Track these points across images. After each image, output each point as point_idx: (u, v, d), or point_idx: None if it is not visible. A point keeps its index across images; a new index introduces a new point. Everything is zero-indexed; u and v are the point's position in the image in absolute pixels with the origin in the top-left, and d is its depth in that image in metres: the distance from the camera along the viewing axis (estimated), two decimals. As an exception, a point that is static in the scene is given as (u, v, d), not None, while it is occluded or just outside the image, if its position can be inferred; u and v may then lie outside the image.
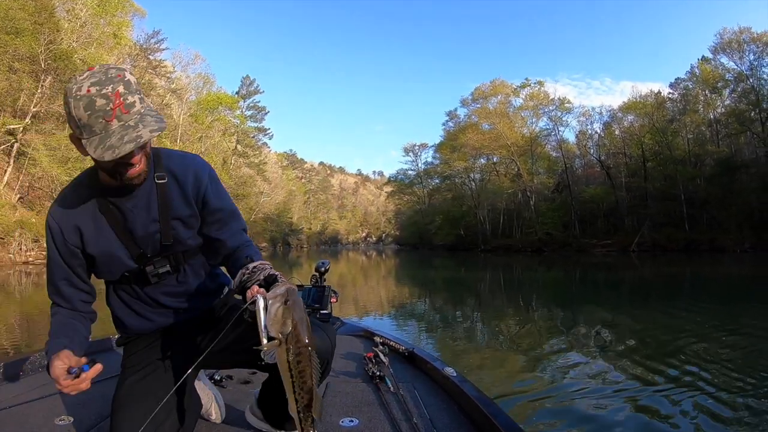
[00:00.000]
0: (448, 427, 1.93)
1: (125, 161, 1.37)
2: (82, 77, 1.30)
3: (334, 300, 3.72)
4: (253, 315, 1.24)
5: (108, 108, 1.28)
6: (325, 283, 3.75)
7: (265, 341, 1.21)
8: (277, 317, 1.19)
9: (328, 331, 1.57)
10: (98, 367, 1.31)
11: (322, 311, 3.49)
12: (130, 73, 1.36)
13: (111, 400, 1.62)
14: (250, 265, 1.40)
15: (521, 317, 9.25)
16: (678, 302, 10.85)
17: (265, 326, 1.21)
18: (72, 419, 1.90)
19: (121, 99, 1.29)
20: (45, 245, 1.63)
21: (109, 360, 2.90)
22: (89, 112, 1.27)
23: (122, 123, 1.30)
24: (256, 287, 1.29)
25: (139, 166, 1.42)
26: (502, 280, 18.83)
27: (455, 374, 2.34)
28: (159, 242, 1.58)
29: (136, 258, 1.59)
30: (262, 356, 1.21)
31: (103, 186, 1.52)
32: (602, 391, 4.24)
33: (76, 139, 1.36)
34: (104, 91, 1.28)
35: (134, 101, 1.32)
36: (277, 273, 1.36)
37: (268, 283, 1.32)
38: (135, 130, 1.30)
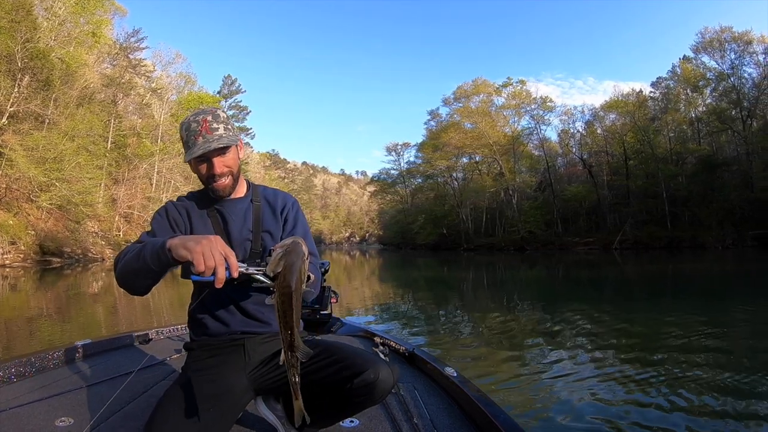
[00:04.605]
0: (448, 427, 1.91)
1: (212, 172, 1.77)
2: (190, 114, 1.82)
3: (334, 300, 3.69)
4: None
5: (198, 129, 1.74)
6: (324, 284, 3.69)
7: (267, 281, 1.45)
8: (274, 260, 1.36)
9: (393, 368, 1.66)
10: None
11: (321, 312, 3.44)
12: (223, 111, 1.84)
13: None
14: None
15: (509, 316, 9.28)
16: (660, 299, 11.05)
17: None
18: (72, 420, 1.88)
19: (207, 124, 1.74)
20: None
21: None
22: (187, 133, 1.75)
23: (205, 140, 1.73)
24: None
25: (224, 180, 1.81)
26: (486, 280, 18.91)
27: (456, 374, 2.32)
28: (249, 249, 1.85)
29: None
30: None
31: (211, 198, 1.88)
32: (598, 387, 4.29)
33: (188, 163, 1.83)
34: (198, 118, 1.76)
35: (218, 127, 1.76)
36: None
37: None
38: (210, 144, 1.72)
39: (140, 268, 1.51)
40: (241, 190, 1.94)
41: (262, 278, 1.46)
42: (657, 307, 9.47)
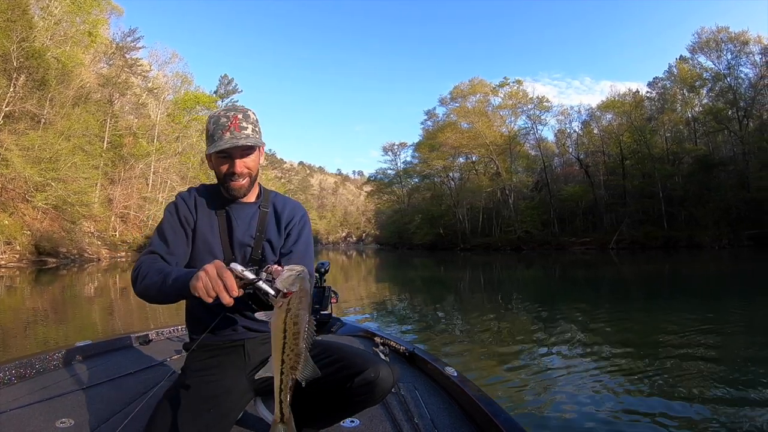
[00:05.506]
0: (449, 427, 1.92)
1: (232, 171, 1.77)
2: (221, 108, 1.82)
3: (334, 300, 3.69)
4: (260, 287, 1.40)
5: (227, 124, 1.74)
6: (324, 284, 3.71)
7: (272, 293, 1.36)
8: (288, 279, 1.30)
9: (393, 368, 1.67)
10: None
11: (322, 312, 3.44)
12: (254, 113, 1.83)
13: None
14: None
15: (507, 316, 9.30)
16: (657, 298, 11.09)
17: (271, 286, 1.36)
18: (73, 422, 1.89)
19: (237, 122, 1.74)
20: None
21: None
22: (215, 126, 1.75)
23: (233, 136, 1.72)
24: (274, 266, 1.48)
25: (241, 180, 1.80)
26: (483, 280, 18.91)
27: (456, 374, 2.33)
28: (249, 255, 1.86)
29: (228, 258, 1.82)
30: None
31: (221, 197, 1.88)
32: (597, 385, 4.32)
33: (208, 156, 1.81)
34: (228, 114, 1.76)
35: (247, 127, 1.75)
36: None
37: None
38: (237, 140, 1.72)
39: (163, 299, 1.59)
40: (252, 195, 1.93)
41: (267, 288, 1.40)
42: (653, 306, 9.52)
